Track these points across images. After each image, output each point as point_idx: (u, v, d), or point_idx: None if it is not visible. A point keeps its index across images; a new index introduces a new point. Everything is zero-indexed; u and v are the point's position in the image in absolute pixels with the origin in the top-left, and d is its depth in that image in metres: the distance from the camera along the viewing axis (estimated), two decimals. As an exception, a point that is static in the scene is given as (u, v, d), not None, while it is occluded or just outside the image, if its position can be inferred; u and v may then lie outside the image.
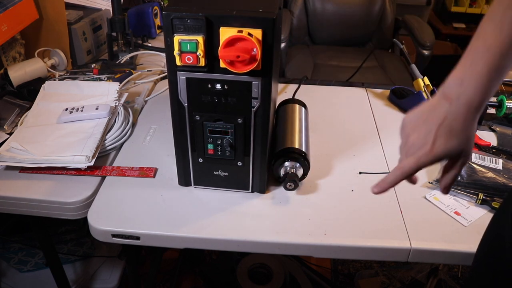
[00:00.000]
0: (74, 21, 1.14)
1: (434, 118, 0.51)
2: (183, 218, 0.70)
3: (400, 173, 0.54)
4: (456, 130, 0.50)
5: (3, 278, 1.24)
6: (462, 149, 0.52)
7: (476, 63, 0.48)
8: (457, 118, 0.50)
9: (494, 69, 0.47)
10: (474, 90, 0.48)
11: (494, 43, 0.47)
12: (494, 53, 0.47)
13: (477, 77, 0.48)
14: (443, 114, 0.50)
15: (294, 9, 2.31)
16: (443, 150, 0.51)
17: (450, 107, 0.50)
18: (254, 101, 0.65)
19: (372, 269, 1.56)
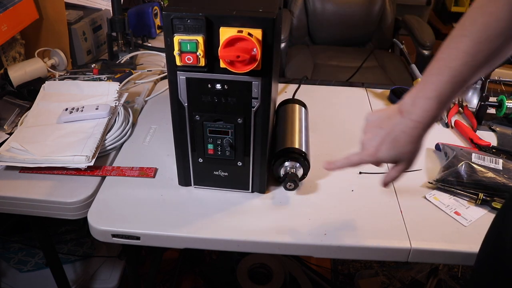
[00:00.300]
0: (74, 21, 1.14)
1: (385, 126, 0.56)
2: (183, 218, 0.70)
3: (347, 163, 0.61)
4: (401, 142, 0.55)
5: (3, 278, 1.24)
6: (402, 158, 0.57)
7: (427, 87, 0.52)
8: (404, 132, 0.54)
9: (443, 94, 0.51)
10: (422, 112, 0.52)
11: (446, 70, 0.50)
12: (445, 80, 0.50)
13: (426, 100, 0.52)
14: (394, 125, 0.55)
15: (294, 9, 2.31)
16: (384, 156, 0.57)
17: (401, 121, 0.54)
18: (254, 101, 0.65)
19: (372, 269, 1.56)
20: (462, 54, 0.49)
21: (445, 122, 0.97)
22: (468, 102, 1.04)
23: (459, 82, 0.51)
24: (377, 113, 0.58)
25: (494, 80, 1.06)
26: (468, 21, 0.50)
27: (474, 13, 0.49)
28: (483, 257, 0.56)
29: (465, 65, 0.50)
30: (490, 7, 0.48)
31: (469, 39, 0.49)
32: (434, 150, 0.88)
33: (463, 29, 0.50)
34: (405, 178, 0.80)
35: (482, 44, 0.49)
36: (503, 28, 0.48)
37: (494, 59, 0.50)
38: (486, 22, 0.48)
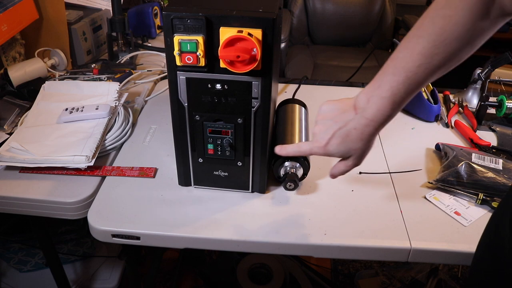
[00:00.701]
0: (74, 21, 1.14)
1: (338, 120, 0.56)
2: (183, 218, 0.70)
3: (297, 150, 0.62)
4: (352, 137, 0.55)
5: (3, 278, 1.24)
6: (352, 154, 0.57)
7: (382, 86, 0.52)
8: (356, 128, 0.54)
9: (397, 95, 0.51)
10: (376, 111, 0.53)
11: (401, 71, 0.50)
12: (400, 80, 0.51)
13: (380, 100, 0.52)
14: (347, 120, 0.55)
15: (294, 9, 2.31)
16: (334, 150, 0.57)
17: (354, 117, 0.54)
18: (254, 101, 0.65)
19: (372, 269, 1.56)
20: (418, 56, 0.49)
21: (445, 122, 0.97)
22: (468, 102, 1.04)
23: (414, 83, 0.51)
24: (332, 105, 0.58)
25: (494, 80, 1.06)
26: (426, 22, 0.50)
27: (432, 15, 0.49)
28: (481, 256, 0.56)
29: (420, 67, 0.50)
30: (448, 10, 0.48)
31: (425, 40, 0.49)
32: (434, 150, 0.88)
33: (421, 30, 0.50)
34: (405, 178, 0.80)
35: (438, 47, 0.49)
36: (460, 32, 0.48)
37: (450, 63, 0.51)
38: (443, 25, 0.48)
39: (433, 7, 0.50)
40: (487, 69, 1.02)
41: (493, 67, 1.01)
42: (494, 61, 1.01)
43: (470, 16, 0.47)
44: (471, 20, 0.48)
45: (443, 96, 1.07)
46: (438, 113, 0.97)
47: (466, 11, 0.47)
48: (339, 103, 0.57)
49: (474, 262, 0.57)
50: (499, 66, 1.01)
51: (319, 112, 0.59)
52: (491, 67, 1.01)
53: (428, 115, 0.97)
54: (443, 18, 0.48)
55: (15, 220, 1.26)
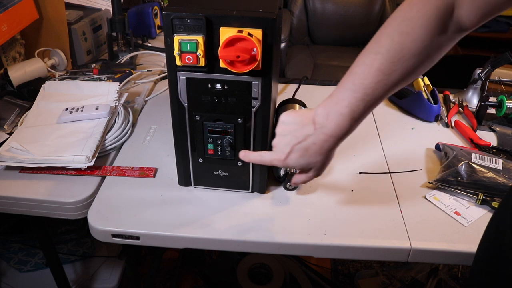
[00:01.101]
0: (74, 21, 1.14)
1: (297, 134, 0.56)
2: (183, 218, 0.70)
3: (259, 159, 0.62)
4: (311, 152, 0.56)
5: (3, 278, 1.24)
6: (312, 167, 0.58)
7: (340, 103, 0.52)
8: (315, 143, 0.55)
9: (356, 111, 0.52)
10: (335, 127, 0.53)
11: (360, 87, 0.51)
12: (358, 97, 0.51)
13: (339, 116, 0.52)
14: (306, 135, 0.55)
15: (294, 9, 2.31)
16: (293, 163, 0.58)
17: (313, 132, 0.55)
18: (254, 101, 0.65)
19: (372, 269, 1.56)
20: (377, 72, 0.50)
21: (445, 122, 0.97)
22: (468, 102, 1.04)
23: (373, 100, 0.51)
24: (291, 117, 0.58)
25: (494, 80, 1.06)
26: (384, 38, 0.50)
27: (390, 31, 0.49)
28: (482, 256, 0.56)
29: (379, 83, 0.50)
30: (406, 27, 0.48)
31: (383, 57, 0.49)
32: (434, 150, 0.88)
33: (379, 45, 0.50)
34: (405, 178, 0.80)
35: (396, 63, 0.49)
36: (418, 49, 0.48)
37: (408, 78, 0.51)
38: (401, 41, 0.48)
39: (391, 22, 0.50)
40: (487, 69, 1.02)
41: (493, 67, 1.01)
42: (494, 61, 1.01)
43: (428, 32, 0.48)
44: (429, 37, 0.48)
45: (443, 96, 1.07)
46: (438, 113, 0.97)
47: (424, 28, 0.47)
48: (298, 116, 0.57)
49: (475, 262, 0.57)
50: (499, 66, 1.01)
51: (279, 123, 0.59)
52: (491, 67, 1.01)
53: (428, 115, 0.97)
54: (401, 35, 0.48)
55: (15, 220, 1.26)
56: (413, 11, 0.48)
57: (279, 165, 0.59)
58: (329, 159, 0.58)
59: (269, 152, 0.60)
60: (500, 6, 0.45)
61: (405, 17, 0.49)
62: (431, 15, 0.47)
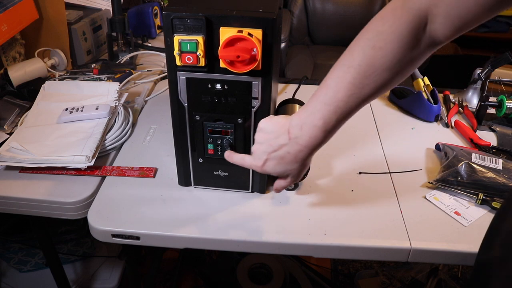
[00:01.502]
0: (74, 21, 1.14)
1: (273, 143, 0.57)
2: (183, 218, 0.70)
3: (241, 162, 0.63)
4: (286, 160, 0.57)
5: (3, 278, 1.24)
6: (289, 174, 0.60)
7: (314, 115, 0.53)
8: (290, 153, 0.56)
9: (329, 124, 0.53)
10: (309, 138, 0.54)
11: (332, 100, 0.51)
12: (331, 110, 0.52)
13: (313, 128, 0.53)
14: (280, 144, 0.56)
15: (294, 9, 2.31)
16: (270, 170, 0.59)
17: (287, 142, 0.56)
18: (254, 101, 0.65)
19: (372, 269, 1.56)
20: (349, 86, 0.50)
21: (445, 122, 0.97)
22: (468, 102, 1.04)
23: (345, 112, 0.52)
24: (269, 124, 0.59)
25: (494, 80, 1.06)
26: (356, 52, 0.50)
27: (363, 45, 0.49)
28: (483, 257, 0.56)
29: (351, 96, 0.50)
30: (379, 42, 0.48)
31: (356, 71, 0.49)
32: (434, 150, 0.88)
33: (351, 59, 0.50)
34: (405, 178, 0.80)
35: (368, 77, 0.49)
36: (390, 63, 0.48)
37: (380, 91, 0.51)
38: (373, 56, 0.48)
39: (363, 35, 0.50)
40: (487, 69, 1.02)
41: (493, 67, 1.01)
42: (494, 61, 1.01)
43: (401, 47, 0.48)
44: (402, 51, 0.48)
45: (443, 96, 1.07)
46: (438, 113, 0.97)
47: (396, 43, 0.47)
48: (275, 125, 0.58)
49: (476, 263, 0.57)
50: (499, 66, 1.01)
51: (257, 130, 0.60)
52: (491, 67, 1.01)
53: (428, 115, 0.97)
54: (373, 49, 0.48)
55: (15, 220, 1.26)
56: (386, 25, 0.48)
57: (258, 171, 0.61)
58: (305, 167, 0.60)
59: (250, 157, 0.62)
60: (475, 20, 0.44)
61: (378, 31, 0.49)
62: (403, 30, 0.47)
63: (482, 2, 0.42)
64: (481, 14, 0.44)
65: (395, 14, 0.48)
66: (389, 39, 0.47)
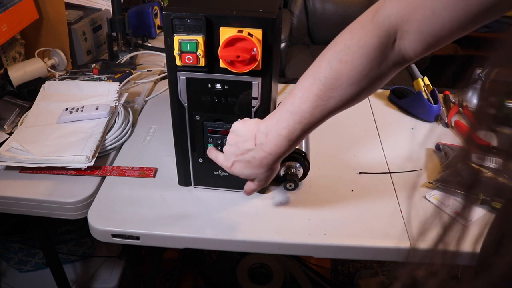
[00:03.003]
0: (74, 21, 1.14)
1: (241, 146, 0.58)
2: (183, 218, 0.70)
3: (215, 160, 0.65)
4: (252, 165, 0.58)
5: (3, 278, 1.24)
6: (256, 178, 0.60)
7: (280, 123, 0.53)
8: (255, 158, 0.57)
9: (293, 133, 0.53)
10: (273, 146, 0.54)
11: (298, 110, 0.51)
12: (296, 120, 0.52)
13: (277, 136, 0.54)
14: (246, 149, 0.57)
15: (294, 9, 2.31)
16: (238, 172, 0.60)
17: (253, 148, 0.56)
18: (254, 101, 0.65)
19: (372, 269, 1.56)
20: (314, 97, 0.50)
21: (445, 122, 0.97)
22: (468, 102, 1.04)
23: (310, 123, 0.52)
24: (240, 126, 0.59)
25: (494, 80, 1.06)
26: (324, 64, 0.49)
27: (330, 57, 0.49)
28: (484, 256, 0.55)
29: (316, 108, 0.50)
30: (346, 56, 0.48)
31: (322, 83, 0.49)
32: (434, 150, 0.88)
33: (318, 71, 0.50)
34: (405, 178, 0.80)
35: (334, 90, 0.49)
36: (357, 78, 0.48)
37: (347, 104, 0.51)
38: (340, 69, 0.48)
39: (332, 48, 0.49)
40: (487, 69, 1.02)
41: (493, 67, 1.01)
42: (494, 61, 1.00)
43: (368, 62, 0.47)
44: (368, 67, 0.47)
45: (443, 96, 1.07)
46: (438, 113, 0.97)
47: (363, 58, 0.47)
48: (245, 128, 0.58)
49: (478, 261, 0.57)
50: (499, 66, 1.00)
51: (230, 131, 0.61)
52: (491, 67, 1.01)
53: (428, 115, 0.97)
54: (340, 63, 0.48)
55: (15, 220, 1.26)
56: (354, 39, 0.47)
57: (227, 171, 0.61)
58: (273, 172, 0.60)
59: (222, 156, 0.63)
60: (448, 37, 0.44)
61: (345, 45, 0.48)
62: (371, 45, 0.46)
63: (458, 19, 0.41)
64: (455, 31, 0.43)
65: (364, 29, 0.47)
66: (357, 53, 0.47)
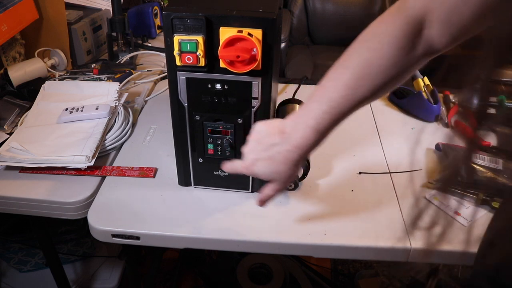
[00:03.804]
0: (74, 21, 1.14)
1: (264, 142, 0.56)
2: (183, 218, 0.70)
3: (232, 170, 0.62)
4: (276, 161, 0.55)
5: (3, 278, 1.24)
6: (277, 178, 0.58)
7: (308, 114, 0.52)
8: (280, 153, 0.54)
9: (321, 124, 0.51)
10: (301, 138, 0.53)
11: (326, 100, 0.51)
12: (324, 109, 0.51)
13: (305, 128, 0.52)
14: (272, 144, 0.55)
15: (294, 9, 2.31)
16: (259, 171, 0.57)
17: (279, 142, 0.54)
18: (254, 101, 0.65)
19: (372, 269, 1.56)
20: (343, 87, 0.50)
21: (445, 122, 0.97)
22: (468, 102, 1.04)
23: (338, 114, 0.51)
24: (263, 126, 0.58)
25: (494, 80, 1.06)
26: (354, 53, 0.50)
27: (360, 46, 0.49)
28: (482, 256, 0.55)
29: (345, 98, 0.50)
30: (374, 44, 0.48)
31: (350, 72, 0.49)
32: (434, 150, 0.88)
33: (347, 61, 0.50)
34: (405, 178, 0.80)
35: (362, 79, 0.49)
36: (385, 66, 0.48)
37: (375, 94, 0.51)
38: (368, 58, 0.48)
39: (360, 39, 0.50)
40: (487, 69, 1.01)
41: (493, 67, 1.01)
42: (494, 61, 1.00)
43: (396, 51, 0.47)
44: (397, 55, 0.47)
45: (443, 96, 1.07)
46: (438, 113, 0.97)
47: (391, 45, 0.47)
48: (268, 126, 0.57)
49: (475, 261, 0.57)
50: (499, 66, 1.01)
51: (252, 132, 0.59)
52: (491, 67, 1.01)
53: (428, 115, 0.97)
54: (369, 51, 0.48)
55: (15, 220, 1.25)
56: (382, 28, 0.48)
57: (246, 172, 0.59)
58: (294, 172, 0.58)
59: (239, 162, 0.60)
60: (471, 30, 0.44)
61: (375, 33, 0.49)
62: (399, 33, 0.47)
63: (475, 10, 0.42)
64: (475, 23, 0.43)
65: (392, 18, 0.48)
66: (385, 41, 0.47)
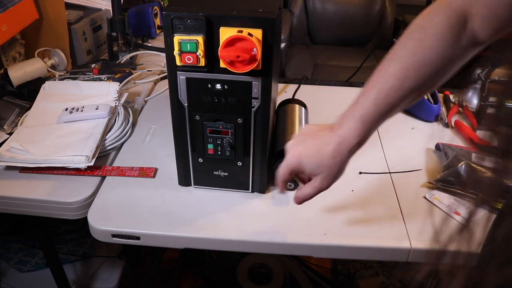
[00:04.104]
0: (74, 21, 1.14)
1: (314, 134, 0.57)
2: (183, 218, 0.70)
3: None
4: (323, 153, 0.55)
5: (3, 278, 1.24)
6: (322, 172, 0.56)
7: (355, 106, 0.53)
8: (329, 144, 0.54)
9: (367, 114, 0.52)
10: (347, 129, 0.53)
11: (373, 90, 0.52)
12: (370, 100, 0.52)
13: (351, 118, 0.54)
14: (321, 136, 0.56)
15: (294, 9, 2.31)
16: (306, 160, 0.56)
17: (328, 134, 0.55)
18: (254, 101, 0.65)
19: (372, 269, 1.56)
20: (390, 78, 0.51)
21: (445, 122, 0.97)
22: (468, 102, 1.04)
23: (384, 104, 0.51)
24: (312, 125, 0.59)
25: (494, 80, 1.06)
26: (399, 45, 0.51)
27: (405, 38, 0.51)
28: None
29: (392, 88, 0.51)
30: (419, 34, 0.49)
31: (397, 63, 0.50)
32: (434, 150, 0.88)
33: (394, 53, 0.51)
34: (405, 178, 0.80)
35: (408, 70, 0.50)
36: (430, 57, 0.49)
37: (421, 88, 0.51)
38: (413, 48, 0.50)
39: (407, 30, 0.51)
40: (487, 69, 1.02)
41: (493, 67, 1.01)
42: (494, 61, 1.01)
43: (440, 42, 0.48)
44: (441, 47, 0.49)
45: (443, 96, 1.07)
46: (438, 113, 0.97)
47: (436, 36, 0.48)
48: (317, 125, 0.59)
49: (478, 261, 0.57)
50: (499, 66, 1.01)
51: (299, 131, 0.61)
52: (491, 67, 1.01)
53: (428, 115, 0.97)
54: (413, 41, 0.50)
55: (15, 220, 1.26)
56: (426, 20, 0.49)
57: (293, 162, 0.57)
58: (340, 169, 0.56)
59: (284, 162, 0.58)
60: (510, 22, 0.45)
61: (419, 25, 0.50)
62: (443, 25, 0.48)
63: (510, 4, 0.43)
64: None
65: (435, 10, 0.49)
66: (429, 32, 0.49)
